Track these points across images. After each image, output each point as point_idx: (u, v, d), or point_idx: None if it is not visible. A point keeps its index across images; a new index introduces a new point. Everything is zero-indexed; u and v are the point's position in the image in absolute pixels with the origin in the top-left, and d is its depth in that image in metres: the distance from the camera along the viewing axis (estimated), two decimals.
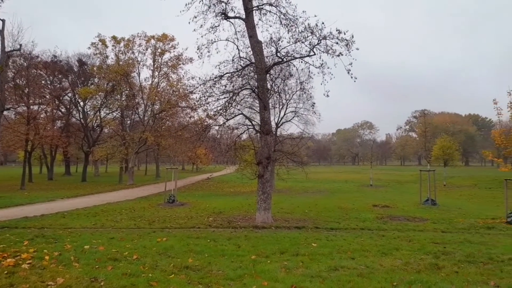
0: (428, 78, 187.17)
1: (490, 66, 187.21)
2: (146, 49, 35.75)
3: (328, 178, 44.82)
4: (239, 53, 13.02)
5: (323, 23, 11.39)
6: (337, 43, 11.37)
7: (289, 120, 28.35)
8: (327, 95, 11.92)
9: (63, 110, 42.47)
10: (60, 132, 38.80)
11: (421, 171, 20.51)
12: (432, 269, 6.43)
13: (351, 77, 11.46)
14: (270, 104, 18.08)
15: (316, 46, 11.71)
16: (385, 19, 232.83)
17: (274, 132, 25.89)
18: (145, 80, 36.83)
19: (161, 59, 36.21)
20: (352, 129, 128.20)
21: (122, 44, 35.17)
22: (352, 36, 11.16)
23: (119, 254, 7.24)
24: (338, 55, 11.33)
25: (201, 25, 12.57)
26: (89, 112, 41.46)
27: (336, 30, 11.26)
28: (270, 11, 12.57)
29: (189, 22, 12.50)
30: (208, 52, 12.95)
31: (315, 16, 11.61)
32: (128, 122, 39.51)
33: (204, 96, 12.57)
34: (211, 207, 16.47)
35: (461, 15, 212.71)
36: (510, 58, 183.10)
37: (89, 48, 36.15)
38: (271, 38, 12.48)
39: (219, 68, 12.48)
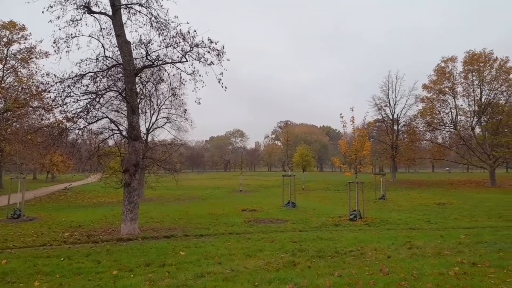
0: (293, 92, 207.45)
1: (343, 83, 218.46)
2: None
3: (200, 184, 45.08)
4: (104, 52, 12.06)
5: (195, 30, 11.49)
6: (208, 52, 11.60)
7: (161, 126, 27.65)
8: (199, 102, 12.04)
9: None
10: None
11: (283, 176, 22.46)
12: (289, 266, 7.03)
13: (222, 86, 11.85)
14: (140, 109, 17.25)
15: (188, 53, 11.71)
16: (258, 34, 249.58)
17: (144, 138, 24.78)
18: None
19: (7, 50, 30.86)
20: (225, 136, 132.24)
21: None
22: (223, 46, 11.55)
23: None
24: (210, 64, 11.57)
25: (59, 17, 11.19)
26: None
27: (208, 40, 11.49)
28: (140, 12, 12.03)
29: (43, 12, 11.00)
30: (68, 47, 11.66)
31: (188, 23, 11.61)
32: None
33: (61, 96, 11.19)
34: (68, 221, 14.68)
35: (325, 36, 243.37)
36: (357, 78, 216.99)
37: None
38: (141, 39, 11.97)
39: (80, 66, 11.31)
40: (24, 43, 31.10)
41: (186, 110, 22.94)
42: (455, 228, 12.52)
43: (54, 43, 11.48)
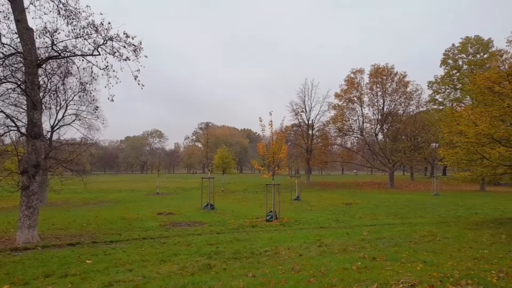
0: (214, 94, 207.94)
1: (263, 89, 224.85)
2: None
3: (114, 187, 42.32)
4: (0, 38, 10.63)
5: (109, 23, 10.79)
6: (124, 46, 11.00)
7: (69, 124, 25.30)
8: (112, 99, 11.32)
9: None
10: None
11: (202, 179, 22.23)
12: (205, 269, 6.96)
13: (139, 84, 11.34)
14: (44, 104, 15.59)
15: (101, 46, 10.95)
16: (180, 36, 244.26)
17: (47, 136, 22.52)
18: None
19: None
20: (142, 137, 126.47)
21: None
22: (140, 42, 11.05)
23: None
24: (126, 59, 10.98)
25: None
26: None
27: (124, 34, 10.90)
28: None
29: None
30: None
31: (101, 14, 10.84)
32: None
33: None
34: None
35: (246, 44, 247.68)
36: (276, 85, 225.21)
37: None
38: (46, 27, 10.82)
39: None
40: None
41: (97, 107, 21.24)
42: (360, 226, 13.69)
43: None
